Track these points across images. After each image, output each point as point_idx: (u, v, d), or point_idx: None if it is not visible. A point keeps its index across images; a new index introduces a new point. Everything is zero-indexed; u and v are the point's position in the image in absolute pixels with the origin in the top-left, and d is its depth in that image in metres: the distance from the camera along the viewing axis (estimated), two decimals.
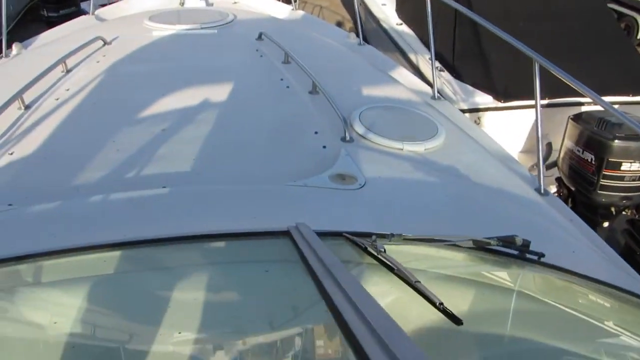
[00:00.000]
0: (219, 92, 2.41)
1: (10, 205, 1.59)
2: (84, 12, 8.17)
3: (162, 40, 3.14)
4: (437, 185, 1.74)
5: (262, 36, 3.14)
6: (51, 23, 7.59)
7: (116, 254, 1.16)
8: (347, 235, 1.17)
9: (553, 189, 4.01)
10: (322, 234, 1.18)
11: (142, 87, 2.48)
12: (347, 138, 2.02)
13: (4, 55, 3.35)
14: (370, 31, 7.33)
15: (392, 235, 1.13)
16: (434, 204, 1.60)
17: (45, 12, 7.49)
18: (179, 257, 1.19)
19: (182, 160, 1.86)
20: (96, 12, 4.32)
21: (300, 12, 4.50)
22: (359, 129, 2.09)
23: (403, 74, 3.29)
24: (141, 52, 2.93)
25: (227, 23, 3.46)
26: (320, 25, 4.13)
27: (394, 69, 3.37)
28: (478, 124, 4.60)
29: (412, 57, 5.48)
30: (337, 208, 1.53)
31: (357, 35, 3.89)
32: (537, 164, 2.19)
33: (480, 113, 4.62)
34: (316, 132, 2.09)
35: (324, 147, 1.99)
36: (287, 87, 2.50)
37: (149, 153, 1.90)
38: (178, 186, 1.59)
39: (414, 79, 3.24)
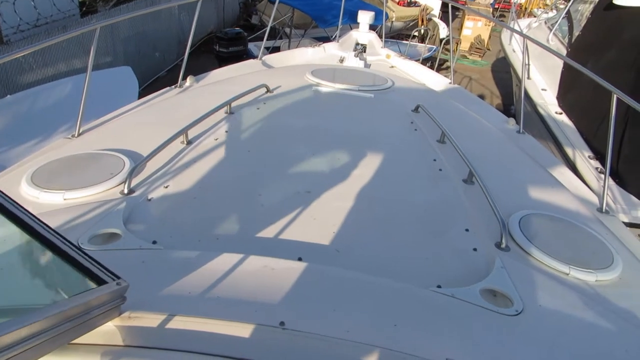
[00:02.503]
0: (370, 162, 2.33)
1: (154, 242, 1.61)
2: (250, 53, 8.95)
3: (320, 96, 3.19)
4: (612, 333, 1.45)
5: (419, 109, 3.05)
6: (220, 58, 8.38)
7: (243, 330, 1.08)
8: None
9: None
10: None
11: (295, 142, 2.50)
12: (503, 245, 1.80)
13: (178, 86, 3.66)
14: (525, 114, 6.97)
15: None
16: (609, 358, 1.31)
17: (217, 47, 8.25)
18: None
19: (323, 230, 1.78)
20: (263, 58, 4.59)
21: (457, 87, 4.39)
22: (518, 238, 1.85)
23: (565, 175, 2.97)
24: (299, 105, 3.00)
25: (385, 89, 3.44)
26: (477, 104, 3.95)
27: (555, 166, 3.06)
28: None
29: (569, 151, 5.04)
30: (489, 334, 1.31)
31: (517, 122, 3.65)
32: None
33: None
34: (467, 230, 1.90)
35: (475, 249, 1.78)
36: (440, 169, 2.35)
37: (291, 215, 1.85)
38: (314, 263, 1.50)
39: (577, 183, 2.91)
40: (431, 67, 11.67)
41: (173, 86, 3.68)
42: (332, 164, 2.30)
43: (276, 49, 9.11)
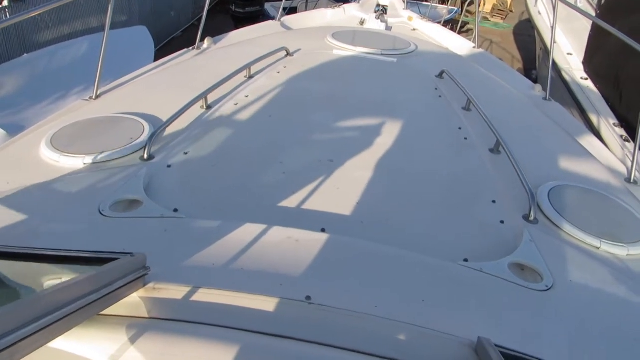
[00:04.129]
0: (393, 129, 2.27)
1: (175, 210, 1.59)
2: (267, 13, 8.75)
3: (342, 60, 3.10)
4: None
5: (444, 74, 2.95)
6: (236, 18, 8.22)
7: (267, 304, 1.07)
8: None
9: None
10: (512, 358, 0.96)
11: (317, 107, 2.44)
12: (532, 218, 1.75)
13: (196, 47, 3.58)
14: (547, 78, 6.77)
15: None
16: None
17: (233, 7, 8.07)
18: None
19: (347, 201, 1.74)
20: (282, 19, 4.47)
21: (482, 51, 4.25)
22: (547, 210, 1.80)
23: (593, 144, 2.87)
24: (320, 70, 2.92)
25: (408, 53, 3.33)
26: (502, 70, 3.82)
27: (582, 135, 2.96)
28: None
29: (594, 118, 4.89)
30: (518, 310, 1.29)
31: (543, 89, 3.53)
32: None
33: None
34: (494, 202, 1.85)
35: (502, 222, 1.74)
36: (465, 138, 2.28)
37: (314, 184, 1.82)
38: (338, 235, 1.47)
39: (605, 152, 2.82)
40: (452, 30, 11.36)
41: (191, 48, 3.60)
42: (355, 131, 2.24)
43: (293, 10, 8.89)
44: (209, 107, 2.33)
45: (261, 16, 8.53)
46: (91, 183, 1.69)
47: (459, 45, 4.44)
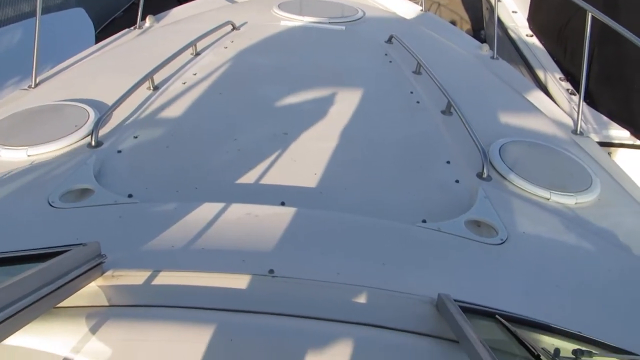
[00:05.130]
0: (346, 98, 2.27)
1: (130, 196, 1.55)
2: None
3: (289, 31, 3.05)
4: (594, 254, 1.48)
5: (392, 39, 2.95)
6: None
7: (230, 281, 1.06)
8: (500, 319, 0.98)
9: None
10: (471, 311, 1.00)
11: (267, 81, 2.40)
12: (485, 175, 1.80)
13: (137, 27, 3.44)
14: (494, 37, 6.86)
15: (566, 331, 0.93)
16: (594, 281, 1.35)
17: None
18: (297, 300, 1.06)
19: (304, 172, 1.74)
20: None
21: (430, 14, 4.26)
22: (499, 166, 1.85)
23: (540, 99, 2.96)
24: (268, 42, 2.86)
25: (356, 20, 3.31)
26: (450, 31, 3.86)
27: (530, 91, 3.04)
28: None
29: (541, 74, 5.03)
30: (476, 265, 1.33)
31: (490, 48, 3.59)
32: None
33: (613, 149, 4.14)
34: (448, 162, 1.89)
35: (457, 181, 1.78)
36: (417, 102, 2.31)
37: (270, 159, 1.80)
38: (298, 207, 1.47)
39: (552, 106, 2.91)
40: None
41: (132, 27, 3.46)
42: (307, 102, 2.23)
43: None
44: (156, 88, 2.26)
45: None
46: (37, 175, 1.63)
47: (407, 9, 4.43)
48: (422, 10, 4.32)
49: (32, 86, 2.57)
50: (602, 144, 4.07)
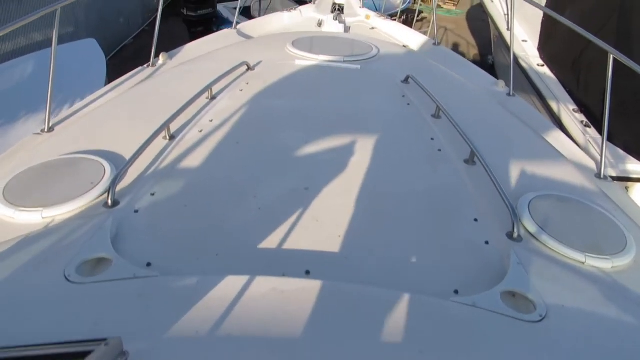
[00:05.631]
0: (366, 146, 2.22)
1: (149, 265, 1.50)
2: (220, 14, 8.52)
3: (305, 71, 3.02)
4: (638, 327, 1.40)
5: (409, 79, 2.91)
6: (189, 22, 7.98)
7: None
8: None
9: None
10: None
11: (284, 127, 2.35)
12: (516, 235, 1.73)
13: (151, 64, 3.43)
14: (505, 66, 6.83)
15: None
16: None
17: (184, 10, 7.82)
18: None
19: (327, 234, 1.68)
20: (238, 27, 4.33)
21: (442, 48, 4.24)
22: (530, 226, 1.79)
23: (559, 140, 2.91)
24: (283, 84, 2.83)
25: (371, 57, 3.28)
26: (464, 66, 3.83)
27: (549, 131, 2.99)
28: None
29: (554, 105, 4.98)
30: (515, 345, 1.25)
31: (507, 84, 3.54)
32: None
33: (630, 184, 4.06)
34: (476, 220, 1.82)
35: (487, 242, 1.71)
36: (439, 150, 2.25)
37: (292, 219, 1.75)
38: (323, 276, 1.40)
39: (572, 147, 2.85)
40: (409, 19, 11.36)
41: (145, 65, 3.45)
42: (327, 151, 2.17)
43: (247, 9, 8.71)
44: (172, 137, 2.22)
45: (215, 18, 8.30)
46: (53, 242, 1.57)
47: (419, 42, 4.42)
48: (434, 43, 4.30)
49: (46, 130, 2.54)
50: (619, 179, 4.01)
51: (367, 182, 1.98)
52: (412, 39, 4.51)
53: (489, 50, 9.34)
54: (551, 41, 5.76)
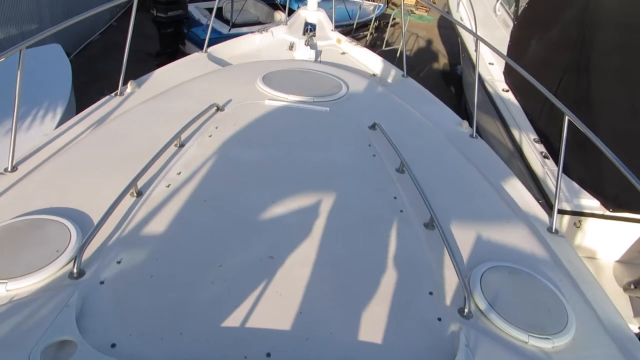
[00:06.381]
0: (331, 206, 2.29)
1: (113, 346, 1.54)
2: (191, 15, 8.37)
3: (274, 114, 3.06)
4: None
5: (376, 126, 3.00)
6: (159, 23, 7.83)
7: None
8: None
9: None
10: None
11: (252, 184, 2.39)
12: (466, 312, 1.84)
13: (118, 93, 3.40)
14: (470, 84, 6.95)
15: None
16: None
17: (154, 12, 7.67)
18: None
19: (289, 312, 1.75)
20: (209, 50, 4.32)
21: (411, 81, 4.33)
22: (480, 302, 1.90)
23: (516, 188, 3.05)
24: (252, 129, 2.87)
25: (339, 98, 3.34)
26: (431, 103, 3.93)
27: (506, 178, 3.14)
28: (578, 227, 4.27)
29: (515, 133, 5.16)
30: None
31: (470, 125, 3.67)
32: None
33: (583, 218, 4.27)
34: (431, 293, 1.92)
35: (439, 319, 1.82)
36: (401, 211, 2.34)
37: (255, 294, 1.80)
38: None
39: (528, 197, 2.99)
40: (380, 25, 11.39)
41: (113, 94, 3.42)
42: (292, 214, 2.23)
43: (219, 10, 8.60)
44: (139, 194, 2.23)
45: (185, 19, 8.17)
46: (18, 321, 1.58)
47: (388, 72, 4.51)
48: (403, 75, 4.40)
49: (9, 169, 2.51)
50: (573, 213, 4.21)
51: (329, 249, 2.05)
52: (381, 67, 4.59)
53: (458, 60, 9.53)
54: (514, 70, 5.94)
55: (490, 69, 6.34)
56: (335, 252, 2.05)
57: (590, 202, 4.25)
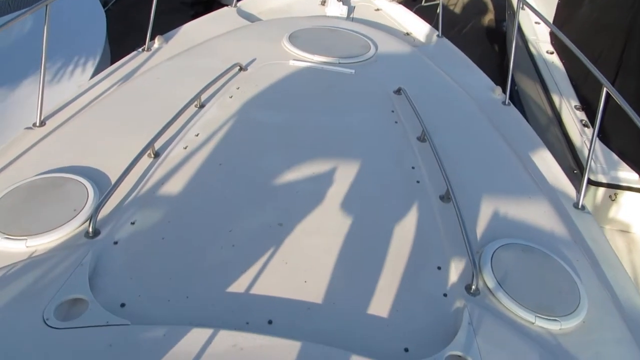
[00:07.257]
0: (347, 173, 2.26)
1: (122, 305, 1.60)
2: None
3: (298, 75, 3.00)
4: None
5: (401, 91, 2.91)
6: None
7: None
8: None
9: None
10: None
11: (269, 147, 2.39)
12: (473, 289, 1.82)
13: (146, 48, 3.41)
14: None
15: None
16: None
17: None
18: None
19: (293, 279, 1.77)
20: (238, 5, 4.24)
21: (445, 42, 4.13)
22: (489, 279, 1.86)
23: (546, 161, 2.92)
24: (274, 92, 2.83)
25: (366, 59, 3.24)
26: (464, 67, 3.76)
27: (536, 150, 3.00)
28: (613, 200, 4.10)
29: (556, 99, 4.89)
30: None
31: (503, 90, 3.50)
32: None
33: (619, 191, 4.09)
34: (439, 268, 1.90)
35: (445, 295, 1.80)
36: (418, 182, 2.30)
37: (262, 260, 1.83)
38: (284, 330, 1.51)
39: (556, 171, 2.86)
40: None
41: (140, 49, 3.43)
42: (307, 181, 2.22)
43: None
44: (156, 155, 2.27)
45: None
46: (35, 278, 1.66)
47: (422, 32, 4.32)
48: (438, 35, 4.21)
49: (37, 124, 2.59)
50: (609, 186, 4.03)
51: (340, 219, 2.05)
52: (416, 27, 4.40)
53: (504, 16, 9.03)
54: (564, 28, 5.58)
55: (536, 28, 5.99)
56: (345, 221, 2.04)
57: (628, 175, 4.05)
